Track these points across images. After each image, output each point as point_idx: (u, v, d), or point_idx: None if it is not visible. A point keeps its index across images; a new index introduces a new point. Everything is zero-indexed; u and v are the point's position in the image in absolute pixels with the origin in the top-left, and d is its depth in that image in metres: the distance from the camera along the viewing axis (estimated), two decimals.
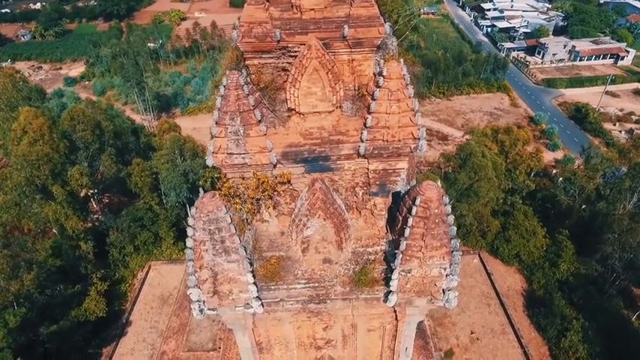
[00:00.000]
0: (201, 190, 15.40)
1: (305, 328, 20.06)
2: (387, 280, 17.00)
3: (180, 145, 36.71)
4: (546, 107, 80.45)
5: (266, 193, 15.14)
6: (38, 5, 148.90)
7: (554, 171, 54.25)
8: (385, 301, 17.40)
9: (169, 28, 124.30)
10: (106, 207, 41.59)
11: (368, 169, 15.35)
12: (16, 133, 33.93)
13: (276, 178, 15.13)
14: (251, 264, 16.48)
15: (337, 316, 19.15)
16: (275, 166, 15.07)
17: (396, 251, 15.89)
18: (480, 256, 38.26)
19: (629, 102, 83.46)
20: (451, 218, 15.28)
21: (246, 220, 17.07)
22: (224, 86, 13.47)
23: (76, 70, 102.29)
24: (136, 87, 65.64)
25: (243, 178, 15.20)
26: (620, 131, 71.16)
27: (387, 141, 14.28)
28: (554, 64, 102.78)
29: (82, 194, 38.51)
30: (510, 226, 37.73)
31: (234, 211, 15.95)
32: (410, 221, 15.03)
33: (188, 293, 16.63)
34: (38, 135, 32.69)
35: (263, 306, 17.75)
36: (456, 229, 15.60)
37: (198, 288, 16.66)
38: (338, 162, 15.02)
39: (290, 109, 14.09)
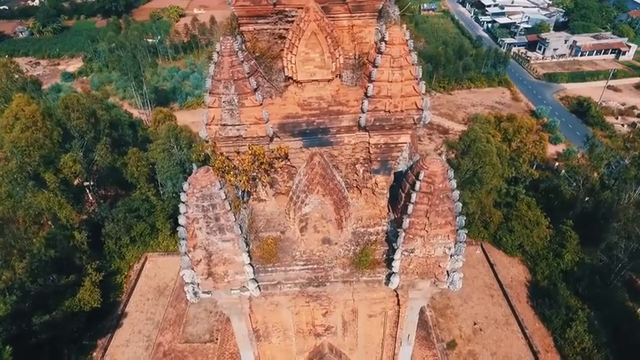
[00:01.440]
0: (194, 165, 14.75)
1: (304, 314, 19.37)
2: (388, 262, 16.32)
3: (175, 133, 36.04)
4: (548, 101, 79.90)
5: (262, 167, 14.44)
6: (36, 2, 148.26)
7: (557, 164, 53.62)
8: (387, 283, 16.72)
9: (168, 25, 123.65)
10: (101, 198, 40.91)
11: (369, 143, 14.66)
12: (8, 120, 33.21)
13: (272, 152, 14.46)
14: (247, 244, 15.80)
15: (337, 301, 18.45)
16: (272, 139, 14.40)
17: (399, 230, 15.21)
18: (482, 247, 37.61)
19: (631, 96, 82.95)
20: (456, 194, 14.58)
21: (242, 198, 16.40)
22: (217, 52, 12.79)
23: (74, 65, 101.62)
24: (134, 80, 64.94)
25: (239, 153, 14.52)
26: (623, 125, 70.57)
27: (389, 112, 13.60)
28: (555, 59, 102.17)
29: (75, 183, 37.71)
30: (513, 216, 37.07)
31: (229, 187, 15.28)
32: (413, 197, 14.34)
33: (181, 275, 15.97)
34: (30, 122, 31.97)
35: (260, 289, 17.07)
36: (461, 205, 14.92)
37: (192, 269, 15.99)
38: (337, 135, 14.34)
39: (287, 78, 13.40)
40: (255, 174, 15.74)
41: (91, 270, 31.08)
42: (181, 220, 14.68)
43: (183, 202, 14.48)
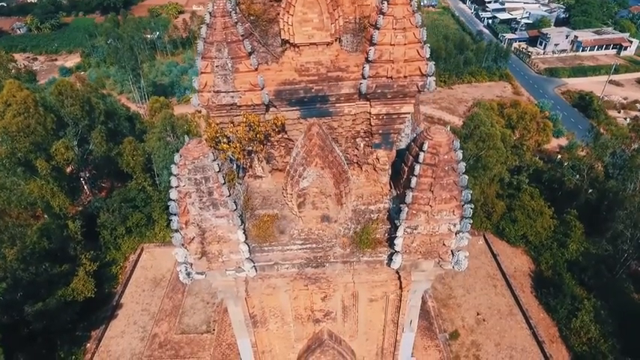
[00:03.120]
0: (186, 136, 14.05)
1: (302, 298, 18.63)
2: (390, 241, 15.59)
3: (172, 122, 35.28)
4: (549, 95, 79.23)
5: (258, 138, 13.73)
6: None
7: (559, 156, 52.95)
8: (389, 263, 15.99)
9: (167, 21, 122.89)
10: (96, 187, 40.12)
11: (370, 113, 13.92)
12: None
13: (268, 123, 13.74)
14: (242, 222, 15.09)
15: (337, 284, 17.71)
16: (268, 108, 13.68)
17: (401, 205, 14.49)
18: (485, 237, 36.92)
19: (633, 90, 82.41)
20: (462, 166, 13.84)
21: (237, 173, 15.71)
22: (209, 13, 12.07)
23: (72, 61, 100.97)
24: (131, 73, 64.13)
25: (233, 124, 13.80)
26: (625, 118, 69.82)
27: (391, 78, 12.86)
28: (557, 55, 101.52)
29: (68, 170, 36.85)
30: (516, 206, 36.35)
31: (223, 160, 14.57)
32: (417, 169, 13.61)
33: (173, 254, 15.26)
34: (22, 108, 31.21)
35: (256, 270, 16.34)
36: (467, 178, 14.20)
37: (185, 248, 15.28)
38: (337, 104, 13.62)
39: (284, 42, 12.69)
40: (250, 148, 15.05)
41: (85, 260, 30.34)
42: (172, 194, 13.96)
43: (175, 175, 13.76)
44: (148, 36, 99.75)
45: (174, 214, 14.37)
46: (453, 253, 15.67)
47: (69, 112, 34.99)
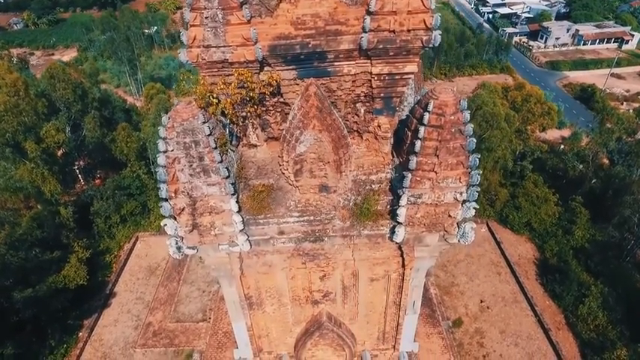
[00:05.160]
0: (175, 99, 13.19)
1: (300, 277, 17.74)
2: (393, 213, 14.71)
3: (167, 107, 34.39)
4: (551, 88, 78.38)
5: (251, 98, 12.85)
6: None
7: (562, 146, 52.16)
8: (391, 237, 15.12)
9: (165, 16, 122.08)
10: (91, 176, 39.22)
11: (371, 73, 13.06)
12: None
13: (262, 83, 12.87)
14: (235, 192, 14.21)
15: (336, 261, 16.81)
16: (262, 67, 12.82)
17: (404, 173, 13.62)
18: (488, 225, 36.11)
19: (635, 83, 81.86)
20: (469, 128, 13.00)
21: (231, 141, 14.84)
22: None
23: (69, 55, 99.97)
24: (128, 65, 63.22)
25: (225, 84, 12.93)
26: (629, 110, 69.08)
27: (393, 32, 11.97)
28: (558, 49, 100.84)
29: (59, 153, 35.92)
30: (520, 194, 35.53)
31: (215, 123, 13.72)
32: (421, 131, 12.75)
33: (162, 225, 14.43)
34: (12, 91, 30.34)
35: (251, 245, 15.49)
36: (475, 141, 13.35)
37: (174, 219, 14.42)
38: (336, 63, 12.74)
39: None
40: (244, 113, 14.19)
41: (77, 247, 29.47)
42: (160, 159, 13.09)
43: (162, 139, 12.91)
44: (146, 31, 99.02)
45: (163, 182, 13.52)
46: (458, 226, 14.84)
47: (60, 95, 34.08)
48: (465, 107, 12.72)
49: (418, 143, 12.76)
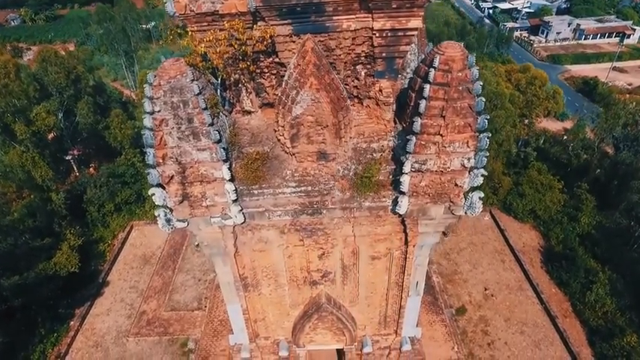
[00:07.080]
0: (162, 57, 12.36)
1: (297, 256, 16.85)
2: (395, 183, 13.81)
3: None
4: (553, 81, 77.50)
5: (244, 54, 12.01)
6: None
7: (565, 137, 51.38)
8: (394, 209, 14.24)
9: (163, 12, 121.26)
10: (85, 165, 38.33)
11: (372, 29, 12.19)
12: None
13: (256, 39, 12.02)
14: (228, 159, 13.36)
15: (335, 237, 15.91)
16: (255, 21, 11.99)
17: (408, 137, 12.75)
18: (491, 213, 35.25)
19: (637, 77, 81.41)
20: (478, 86, 12.14)
21: (222, 104, 13.98)
22: None
23: (66, 50, 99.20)
24: (124, 57, 62.35)
25: (216, 39, 12.07)
26: (632, 102, 68.47)
27: None
28: (559, 43, 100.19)
29: (50, 136, 35.00)
30: (524, 181, 34.70)
31: (205, 83, 12.87)
32: (426, 90, 11.87)
33: (150, 194, 13.54)
34: (3, 73, 29.49)
35: (245, 217, 14.61)
36: (484, 101, 12.47)
37: (162, 188, 13.53)
38: (335, 17, 11.86)
39: None
40: (236, 75, 13.33)
41: (69, 235, 28.61)
42: (147, 121, 12.23)
43: (148, 98, 12.07)
44: (144, 25, 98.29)
45: (150, 146, 12.66)
46: (465, 196, 13.96)
47: (53, 79, 33.23)
48: (473, 63, 11.89)
49: (423, 103, 11.89)
